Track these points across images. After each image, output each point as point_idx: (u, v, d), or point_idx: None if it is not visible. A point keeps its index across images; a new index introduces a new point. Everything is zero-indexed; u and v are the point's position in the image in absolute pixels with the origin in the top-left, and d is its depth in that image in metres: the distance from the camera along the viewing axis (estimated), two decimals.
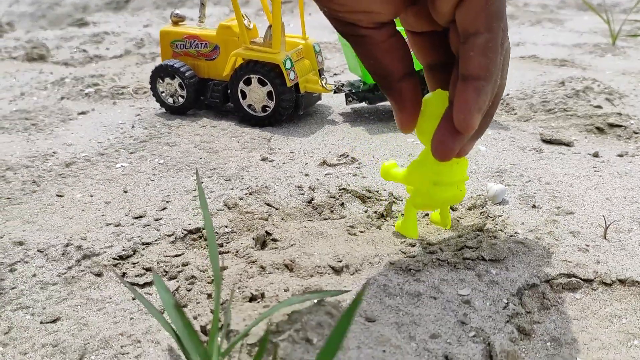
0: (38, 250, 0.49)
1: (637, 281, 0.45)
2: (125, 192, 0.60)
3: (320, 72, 0.83)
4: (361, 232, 0.52)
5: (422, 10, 0.37)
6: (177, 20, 0.84)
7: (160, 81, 0.82)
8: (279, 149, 0.72)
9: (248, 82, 0.78)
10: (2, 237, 0.52)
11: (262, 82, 0.77)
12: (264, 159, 0.68)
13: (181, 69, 0.80)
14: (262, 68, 0.76)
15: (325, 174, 0.64)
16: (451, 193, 0.47)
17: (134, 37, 1.49)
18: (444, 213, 0.50)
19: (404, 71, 0.37)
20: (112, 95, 0.92)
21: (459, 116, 0.34)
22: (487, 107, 0.35)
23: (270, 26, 0.76)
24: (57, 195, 0.60)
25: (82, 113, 0.85)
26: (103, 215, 0.56)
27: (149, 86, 0.85)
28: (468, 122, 0.34)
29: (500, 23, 0.33)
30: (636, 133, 0.75)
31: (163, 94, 0.83)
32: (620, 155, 0.69)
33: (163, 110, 0.85)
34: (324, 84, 0.80)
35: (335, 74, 1.06)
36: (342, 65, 1.12)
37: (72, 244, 0.50)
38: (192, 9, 2.38)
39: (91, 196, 0.60)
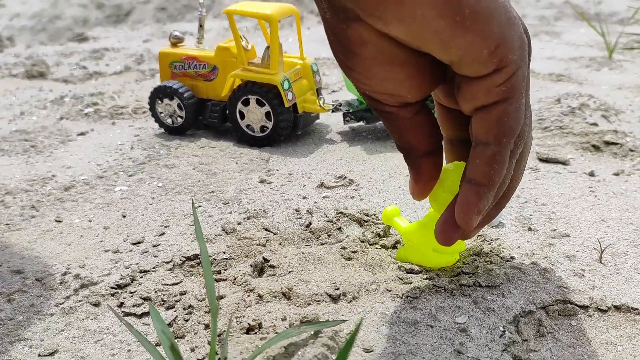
0: (36, 279, 0.50)
1: (632, 307, 0.45)
2: (124, 216, 0.61)
3: (318, 92, 0.83)
4: (358, 256, 0.53)
5: (452, 90, 0.37)
6: (176, 41, 0.84)
7: (159, 102, 0.83)
8: (277, 170, 0.72)
9: (246, 103, 0.78)
10: (0, 266, 0.52)
11: (260, 103, 0.77)
12: (262, 181, 0.68)
13: (180, 90, 0.81)
14: (260, 89, 0.77)
15: (323, 197, 0.64)
16: (446, 259, 0.49)
17: (133, 52, 1.50)
18: (432, 268, 0.51)
19: (427, 148, 0.38)
20: (112, 115, 0.93)
21: (459, 215, 0.36)
22: (488, 209, 0.37)
23: (268, 47, 0.77)
24: (56, 221, 0.60)
25: (81, 134, 0.85)
26: (101, 241, 0.56)
27: (148, 106, 0.85)
28: (467, 222, 0.36)
29: (512, 138, 0.34)
30: (632, 151, 0.75)
31: (162, 115, 0.83)
32: (616, 174, 0.69)
33: (162, 130, 0.85)
34: (321, 104, 0.81)
35: (333, 91, 1.07)
36: (340, 81, 1.12)
37: (70, 272, 0.50)
38: (191, 22, 2.39)
39: (90, 221, 0.60)
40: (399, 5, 0.29)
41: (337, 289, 0.47)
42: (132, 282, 0.49)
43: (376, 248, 0.54)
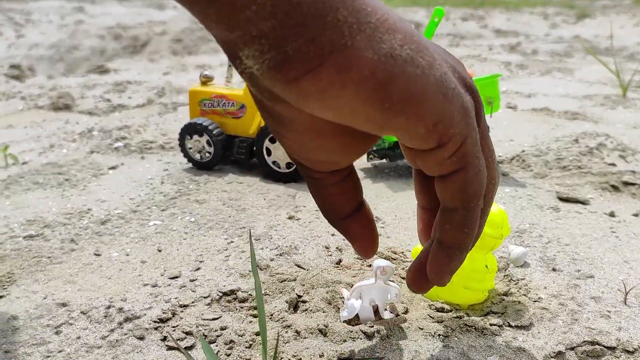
0: (81, 312, 0.52)
1: None
2: (160, 251, 0.63)
3: None
4: None
5: None
6: (206, 80, 0.88)
7: (189, 138, 0.86)
8: (304, 206, 0.74)
9: (273, 140, 0.81)
10: (45, 298, 0.54)
11: None
12: (290, 217, 0.71)
13: (209, 127, 0.84)
14: None
15: None
16: (476, 297, 0.51)
17: (155, 85, 1.54)
18: (462, 306, 0.52)
19: (350, 210, 0.36)
20: (140, 150, 0.96)
21: (430, 273, 0.35)
22: (459, 267, 0.36)
23: None
24: (95, 254, 0.62)
25: (113, 168, 0.88)
26: (140, 275, 0.58)
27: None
28: (438, 281, 0.35)
29: (478, 200, 0.33)
30: None
31: (191, 150, 0.86)
32: (636, 215, 0.71)
33: (190, 165, 0.88)
34: None
35: None
36: None
37: (113, 306, 0.52)
38: (207, 54, 2.45)
39: (127, 255, 0.62)
40: (322, 98, 0.28)
41: (372, 326, 0.49)
42: (173, 316, 0.51)
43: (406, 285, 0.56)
